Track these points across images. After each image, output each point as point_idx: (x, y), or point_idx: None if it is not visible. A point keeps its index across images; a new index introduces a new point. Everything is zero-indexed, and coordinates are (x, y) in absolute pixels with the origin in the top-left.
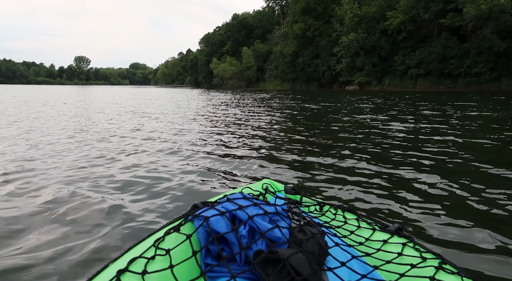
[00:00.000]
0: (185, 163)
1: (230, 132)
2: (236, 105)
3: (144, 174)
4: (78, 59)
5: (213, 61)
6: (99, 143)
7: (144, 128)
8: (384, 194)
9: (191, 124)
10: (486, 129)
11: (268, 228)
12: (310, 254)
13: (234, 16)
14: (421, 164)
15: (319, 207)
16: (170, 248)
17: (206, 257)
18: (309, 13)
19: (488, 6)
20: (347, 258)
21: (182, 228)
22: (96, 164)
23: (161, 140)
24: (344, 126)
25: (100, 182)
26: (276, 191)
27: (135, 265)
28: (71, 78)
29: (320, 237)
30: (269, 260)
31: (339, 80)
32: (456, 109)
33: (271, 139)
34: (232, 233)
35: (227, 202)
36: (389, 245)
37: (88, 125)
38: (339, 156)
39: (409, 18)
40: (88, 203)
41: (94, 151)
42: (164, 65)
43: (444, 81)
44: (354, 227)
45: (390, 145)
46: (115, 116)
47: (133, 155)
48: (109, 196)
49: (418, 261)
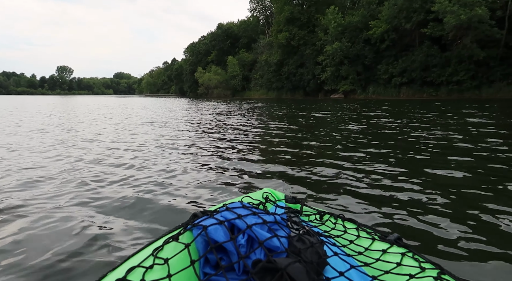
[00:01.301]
0: (183, 172)
1: (225, 141)
2: (231, 114)
3: (143, 183)
4: (60, 69)
5: (198, 70)
6: (91, 158)
7: (140, 139)
8: (384, 203)
9: (185, 134)
10: (486, 137)
11: (266, 237)
12: (309, 263)
13: (219, 26)
14: (421, 172)
15: (319, 216)
16: (168, 257)
17: (205, 266)
18: (293, 22)
19: (467, 16)
20: (346, 268)
21: (181, 237)
22: (87, 169)
23: (160, 150)
24: (335, 135)
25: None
26: (276, 200)
27: (133, 274)
28: (53, 88)
29: (319, 247)
30: (267, 269)
31: (324, 88)
32: (458, 116)
33: (270, 148)
34: (230, 242)
35: (226, 211)
36: (388, 255)
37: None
38: (335, 164)
39: (391, 27)
40: (88, 208)
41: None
42: (149, 75)
43: (427, 89)
44: (354, 237)
45: (386, 152)
46: (101, 129)
47: (132, 161)
48: (108, 204)
49: (417, 271)
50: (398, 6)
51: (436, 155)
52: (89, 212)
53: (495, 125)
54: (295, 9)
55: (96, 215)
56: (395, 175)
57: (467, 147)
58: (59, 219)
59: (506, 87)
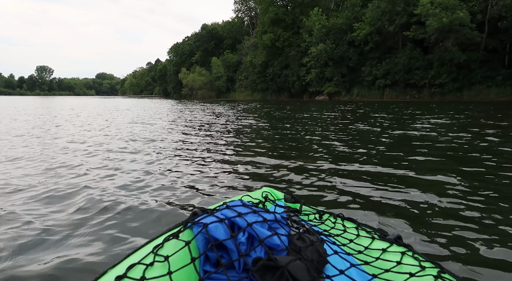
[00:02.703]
0: (179, 172)
1: (215, 142)
2: (220, 115)
3: (145, 180)
4: (40, 69)
5: (182, 71)
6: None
7: (136, 138)
8: (384, 203)
9: (184, 135)
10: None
11: (267, 235)
12: (309, 261)
13: (203, 26)
14: (421, 172)
15: (318, 215)
16: (169, 255)
17: (205, 264)
18: (278, 23)
19: (449, 19)
20: (346, 266)
21: (181, 235)
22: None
23: (155, 150)
24: (326, 134)
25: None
26: (275, 199)
27: (133, 271)
28: (32, 88)
29: (319, 245)
30: (268, 267)
31: (309, 90)
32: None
33: (264, 148)
34: (231, 240)
35: (227, 209)
36: (388, 254)
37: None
38: (333, 164)
39: (375, 30)
40: (86, 212)
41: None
42: (132, 75)
43: (410, 91)
44: (354, 236)
45: (382, 152)
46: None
47: (131, 164)
48: (109, 199)
49: (417, 270)
50: (381, 8)
51: (436, 155)
52: (87, 212)
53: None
54: (279, 10)
55: (94, 215)
56: (393, 174)
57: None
58: (59, 219)
59: (486, 90)
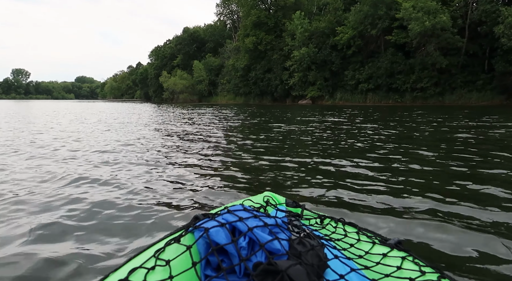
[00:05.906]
0: (178, 176)
1: (219, 147)
2: (209, 121)
3: (144, 186)
4: (15, 72)
5: (163, 74)
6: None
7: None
8: (384, 207)
9: (176, 142)
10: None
11: (267, 239)
12: (309, 266)
13: (185, 29)
14: (421, 176)
15: (319, 220)
16: (170, 259)
17: (206, 268)
18: (260, 27)
19: (431, 23)
20: (346, 271)
21: (183, 239)
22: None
23: (153, 154)
24: (318, 140)
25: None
26: (277, 204)
27: (135, 275)
28: (7, 92)
29: (320, 249)
30: (268, 272)
31: (292, 94)
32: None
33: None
34: (232, 245)
35: (228, 214)
36: (389, 259)
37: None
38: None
39: (357, 33)
40: (86, 212)
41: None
42: (113, 79)
43: (392, 95)
44: (354, 240)
45: (384, 159)
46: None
47: (124, 171)
48: (115, 197)
49: (417, 275)
50: (363, 12)
51: (436, 155)
52: (87, 217)
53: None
54: (262, 14)
55: (93, 218)
56: (394, 182)
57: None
58: (60, 218)
59: (467, 94)
